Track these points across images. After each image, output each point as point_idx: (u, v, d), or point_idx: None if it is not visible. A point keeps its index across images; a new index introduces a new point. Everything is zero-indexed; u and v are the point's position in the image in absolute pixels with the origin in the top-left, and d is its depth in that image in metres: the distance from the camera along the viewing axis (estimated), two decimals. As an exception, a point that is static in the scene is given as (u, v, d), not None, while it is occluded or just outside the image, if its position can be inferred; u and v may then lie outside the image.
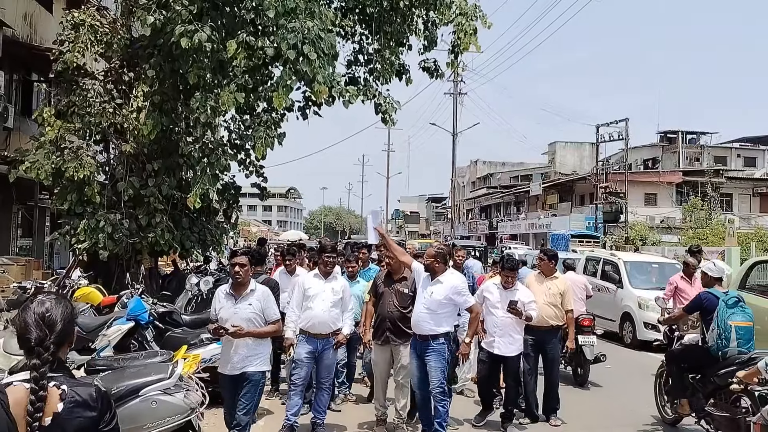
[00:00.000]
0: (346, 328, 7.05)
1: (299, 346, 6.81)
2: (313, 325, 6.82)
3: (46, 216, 18.81)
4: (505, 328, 7.26)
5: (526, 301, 7.29)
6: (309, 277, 7.16)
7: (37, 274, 13.22)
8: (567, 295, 8.03)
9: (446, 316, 6.58)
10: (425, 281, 6.64)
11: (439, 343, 6.49)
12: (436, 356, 6.46)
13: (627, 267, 14.62)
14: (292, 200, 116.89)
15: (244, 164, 12.13)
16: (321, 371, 6.94)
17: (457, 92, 41.34)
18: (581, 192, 44.91)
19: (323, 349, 6.86)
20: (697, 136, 50.65)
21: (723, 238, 28.19)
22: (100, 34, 11.01)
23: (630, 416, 8.21)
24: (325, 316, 6.83)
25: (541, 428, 7.69)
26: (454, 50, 11.74)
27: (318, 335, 6.83)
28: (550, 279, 8.12)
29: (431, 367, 6.47)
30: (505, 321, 7.24)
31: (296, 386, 6.81)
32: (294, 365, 6.88)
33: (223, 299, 5.84)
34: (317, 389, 7.02)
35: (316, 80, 9.10)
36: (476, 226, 60.61)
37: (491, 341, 7.31)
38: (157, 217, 10.90)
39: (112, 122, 10.84)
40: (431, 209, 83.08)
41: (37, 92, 17.51)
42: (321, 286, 6.91)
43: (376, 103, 11.17)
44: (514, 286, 7.40)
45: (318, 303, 6.82)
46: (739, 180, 43.04)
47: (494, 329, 7.30)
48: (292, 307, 6.97)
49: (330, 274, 7.01)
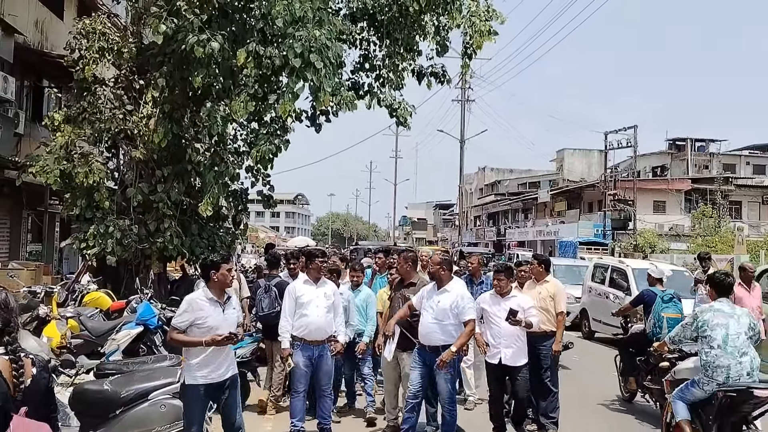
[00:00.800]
0: (341, 336, 6.96)
1: (296, 355, 6.72)
2: (309, 331, 6.73)
3: (56, 222, 18.92)
4: (509, 337, 6.88)
5: (525, 306, 6.94)
6: (299, 284, 6.99)
7: (46, 279, 13.29)
8: (558, 297, 7.70)
9: (455, 327, 6.35)
10: (431, 291, 6.52)
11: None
12: (446, 368, 6.29)
13: (635, 274, 14.56)
14: (299, 206, 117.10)
15: (252, 171, 12.17)
16: (321, 378, 6.83)
17: (465, 99, 41.36)
18: (589, 199, 44.79)
19: (320, 355, 6.77)
20: (706, 144, 50.50)
21: (732, 245, 28.03)
22: (111, 42, 11.10)
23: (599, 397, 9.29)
24: (321, 322, 6.75)
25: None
26: (467, 51, 11.77)
27: (314, 342, 6.74)
28: (540, 283, 7.84)
29: (442, 377, 6.33)
30: (507, 330, 6.85)
31: (298, 393, 6.75)
32: (294, 374, 6.80)
33: (208, 307, 5.40)
34: (319, 396, 6.90)
35: (322, 89, 9.14)
36: (484, 233, 60.49)
37: (495, 353, 6.92)
38: (165, 222, 10.96)
39: (122, 128, 10.93)
40: (439, 216, 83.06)
41: (47, 98, 17.64)
42: (313, 292, 6.83)
43: (391, 108, 11.23)
44: (509, 293, 7.03)
45: (312, 309, 6.74)
46: (749, 188, 42.87)
47: (498, 340, 6.91)
48: (285, 316, 6.83)
49: (320, 279, 6.94)
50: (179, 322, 5.39)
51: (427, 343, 6.39)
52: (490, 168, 66.89)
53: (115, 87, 11.43)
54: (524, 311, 6.82)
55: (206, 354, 5.36)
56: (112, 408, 5.37)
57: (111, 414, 5.36)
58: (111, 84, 11.49)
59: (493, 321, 6.95)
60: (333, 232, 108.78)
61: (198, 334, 5.35)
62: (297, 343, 6.74)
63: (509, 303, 6.85)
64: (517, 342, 6.90)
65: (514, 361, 6.88)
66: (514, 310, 6.66)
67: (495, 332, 6.92)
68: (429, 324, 6.38)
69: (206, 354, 5.36)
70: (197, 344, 5.31)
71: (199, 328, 5.35)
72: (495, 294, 7.05)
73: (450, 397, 6.39)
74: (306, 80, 9.08)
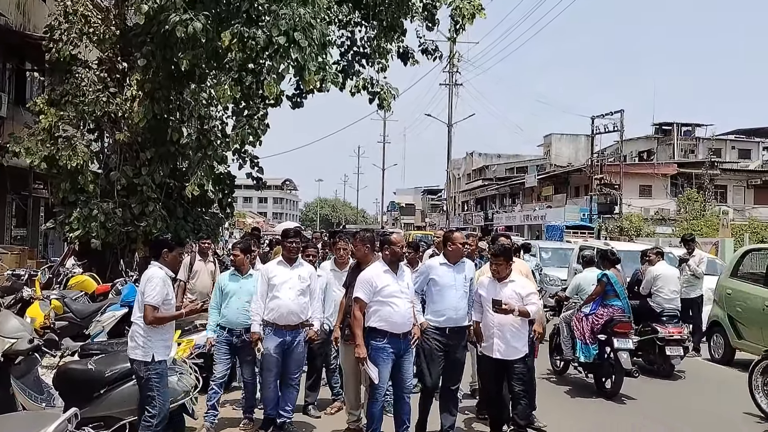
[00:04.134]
0: (316, 322, 6.57)
1: (267, 340, 6.33)
2: (281, 315, 6.34)
3: (40, 206, 18.77)
4: (503, 328, 6.22)
5: (524, 293, 6.25)
6: (273, 265, 6.65)
7: (31, 263, 13.19)
8: (529, 276, 7.13)
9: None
10: (396, 276, 6.02)
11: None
12: (411, 353, 6.10)
13: (620, 256, 14.63)
14: (287, 192, 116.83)
15: (239, 153, 12.11)
16: (289, 365, 6.44)
17: (453, 83, 41.26)
18: (576, 184, 44.95)
19: (293, 341, 6.40)
20: (692, 128, 50.69)
21: (717, 229, 28.30)
22: (92, 25, 10.98)
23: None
24: (293, 305, 6.35)
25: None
26: (455, 27, 11.72)
27: (287, 326, 6.35)
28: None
29: (408, 362, 6.04)
30: (502, 320, 6.20)
31: (269, 382, 6.43)
32: (264, 361, 6.41)
33: (170, 284, 5.55)
34: (285, 386, 6.49)
35: (307, 68, 9.05)
36: (472, 218, 60.66)
37: (490, 344, 6.28)
38: (150, 206, 10.90)
39: (105, 111, 10.84)
40: (427, 201, 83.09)
41: (30, 81, 17.43)
42: (287, 274, 6.45)
43: (371, 92, 11.16)
44: (508, 277, 6.34)
45: (285, 291, 6.36)
46: (734, 172, 43.15)
47: (492, 330, 6.26)
48: (257, 299, 6.45)
49: (295, 260, 6.56)
50: (157, 299, 5.29)
51: (402, 330, 5.95)
52: (478, 153, 66.90)
53: (98, 69, 11.33)
54: (522, 298, 6.23)
55: (169, 331, 5.55)
56: (96, 387, 5.39)
57: (95, 393, 5.38)
58: (94, 66, 11.38)
59: (487, 309, 6.31)
60: (321, 218, 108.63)
61: (165, 310, 5.41)
62: (268, 328, 6.36)
63: (506, 288, 6.28)
64: (514, 332, 6.23)
65: (508, 354, 6.22)
66: (496, 300, 6.11)
67: (490, 321, 6.29)
68: (406, 312, 5.98)
69: (169, 331, 5.55)
70: (179, 317, 5.47)
71: (166, 305, 5.41)
72: (493, 279, 6.41)
73: (410, 380, 6.15)
74: (290, 59, 8.98)
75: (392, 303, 5.89)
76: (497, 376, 6.37)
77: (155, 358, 5.29)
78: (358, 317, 5.93)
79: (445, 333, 6.30)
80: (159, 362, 5.32)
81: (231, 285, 6.85)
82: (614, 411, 7.94)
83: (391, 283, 5.94)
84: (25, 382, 5.44)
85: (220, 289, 6.87)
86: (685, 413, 7.88)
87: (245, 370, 6.82)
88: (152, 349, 5.29)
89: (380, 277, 5.95)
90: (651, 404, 8.27)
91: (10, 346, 5.16)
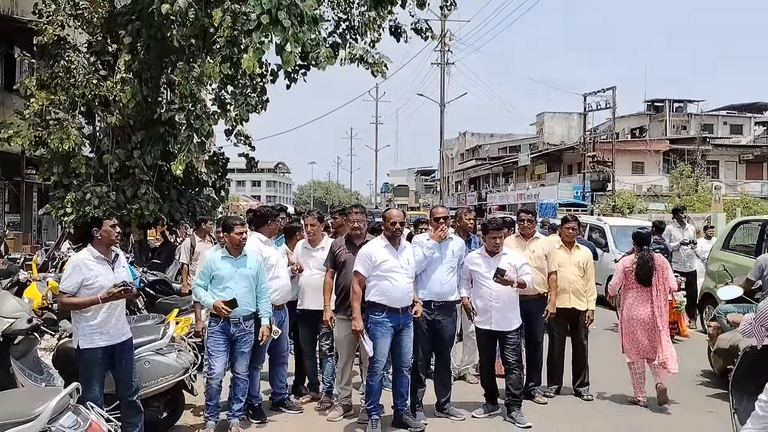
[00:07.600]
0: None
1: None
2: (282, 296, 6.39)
3: (33, 191, 18.76)
4: (500, 300, 6.39)
5: (518, 264, 6.44)
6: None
7: (26, 248, 13.22)
8: (552, 256, 7.19)
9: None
10: (395, 251, 6.06)
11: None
12: (410, 328, 6.12)
13: (613, 231, 14.78)
14: (281, 175, 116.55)
15: (231, 132, 12.04)
16: (281, 343, 6.55)
17: (445, 62, 41.09)
18: (569, 162, 45.06)
19: (279, 323, 6.39)
20: (684, 105, 50.77)
21: (709, 204, 28.49)
22: (80, 6, 10.91)
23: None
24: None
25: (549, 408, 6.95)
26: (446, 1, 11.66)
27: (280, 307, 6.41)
28: (531, 241, 7.33)
29: (408, 336, 6.06)
30: (500, 292, 6.36)
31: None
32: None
33: (97, 266, 5.13)
34: (276, 365, 6.61)
35: (289, 46, 8.92)
36: (465, 198, 60.74)
37: (487, 318, 6.44)
38: (142, 188, 10.88)
39: (96, 94, 10.78)
40: (420, 182, 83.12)
41: (19, 65, 17.32)
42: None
43: (365, 62, 11.04)
44: (501, 251, 6.49)
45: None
46: (726, 147, 43.33)
47: (489, 302, 6.41)
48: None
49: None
50: (67, 285, 5.06)
51: (401, 305, 5.99)
52: (470, 133, 66.87)
53: (88, 52, 11.27)
54: (517, 270, 6.38)
55: (103, 315, 5.12)
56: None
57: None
58: (84, 49, 11.32)
59: (483, 283, 6.43)
60: (315, 201, 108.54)
61: (88, 295, 5.08)
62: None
63: (500, 262, 6.37)
64: (509, 305, 6.44)
65: (504, 325, 6.42)
66: (500, 269, 6.22)
67: (486, 294, 6.41)
68: (405, 287, 6.01)
69: (103, 315, 5.12)
70: (93, 303, 5.04)
71: (89, 289, 5.07)
72: (485, 253, 6.54)
73: (410, 354, 6.15)
74: (269, 37, 8.84)
75: (391, 278, 5.95)
76: (490, 345, 6.60)
77: (80, 345, 5.08)
78: (357, 291, 6.01)
79: (431, 307, 6.39)
80: (84, 350, 5.07)
81: (225, 269, 6.02)
82: None
83: (390, 259, 6.00)
84: (24, 363, 5.46)
85: (211, 269, 6.05)
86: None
87: (239, 364, 6.05)
88: (78, 336, 5.12)
89: (379, 252, 6.03)
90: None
91: (9, 325, 5.17)
